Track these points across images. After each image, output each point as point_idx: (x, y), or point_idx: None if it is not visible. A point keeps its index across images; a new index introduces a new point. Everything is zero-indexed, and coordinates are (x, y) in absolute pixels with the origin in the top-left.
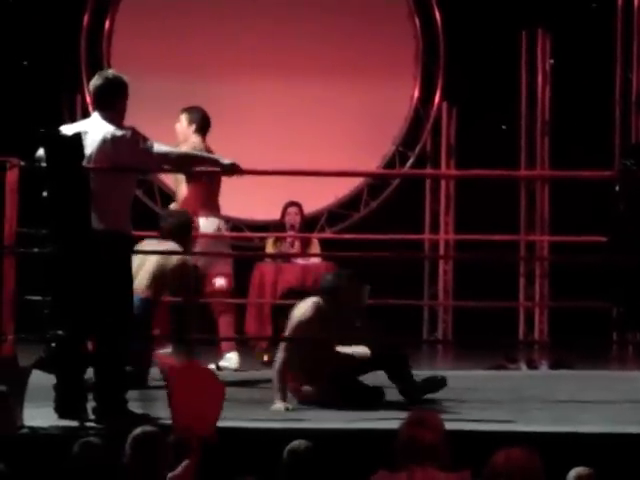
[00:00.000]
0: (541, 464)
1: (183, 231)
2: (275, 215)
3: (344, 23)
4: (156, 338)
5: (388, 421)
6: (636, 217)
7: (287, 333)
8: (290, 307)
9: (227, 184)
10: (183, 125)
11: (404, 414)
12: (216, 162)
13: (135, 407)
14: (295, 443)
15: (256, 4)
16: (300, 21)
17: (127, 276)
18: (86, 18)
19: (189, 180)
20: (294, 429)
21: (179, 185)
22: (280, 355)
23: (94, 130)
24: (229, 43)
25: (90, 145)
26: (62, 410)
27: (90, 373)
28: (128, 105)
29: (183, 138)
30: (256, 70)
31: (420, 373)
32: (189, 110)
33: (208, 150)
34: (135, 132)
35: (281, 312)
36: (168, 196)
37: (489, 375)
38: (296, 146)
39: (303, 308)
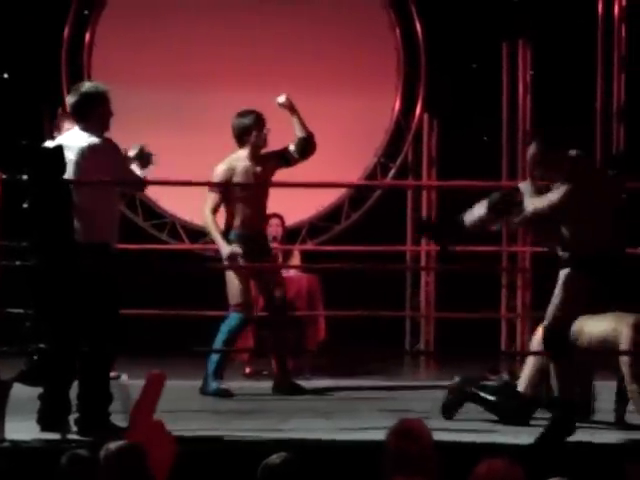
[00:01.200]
0: (523, 475)
1: None
2: None
3: (325, 35)
4: None
5: (375, 431)
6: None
7: None
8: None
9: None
10: None
11: (391, 424)
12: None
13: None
14: (272, 457)
15: (237, 15)
16: (282, 32)
17: (111, 289)
18: (67, 30)
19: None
20: (277, 440)
21: None
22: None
23: (75, 143)
24: (211, 54)
25: (72, 158)
26: (45, 422)
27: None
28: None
29: None
30: (238, 81)
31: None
32: None
33: None
34: (116, 146)
35: (263, 324)
36: (150, 209)
37: None
38: None
39: None
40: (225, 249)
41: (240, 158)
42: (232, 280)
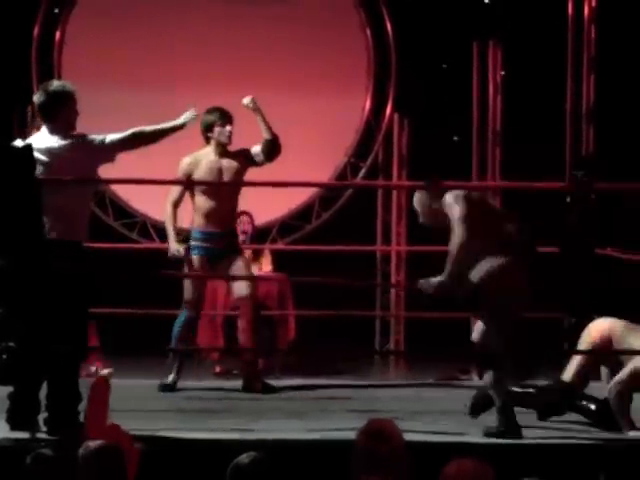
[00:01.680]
0: (493, 475)
1: None
2: None
3: (296, 34)
4: None
5: (345, 431)
6: (586, 228)
7: None
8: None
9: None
10: None
11: (361, 424)
12: (174, 127)
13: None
14: (242, 457)
15: (207, 15)
16: (253, 32)
17: (84, 287)
18: (37, 29)
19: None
20: (247, 440)
21: None
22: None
23: (46, 142)
24: (182, 53)
25: (43, 157)
26: (14, 422)
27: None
28: (80, 116)
29: None
30: (209, 80)
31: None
32: None
33: None
34: (85, 136)
35: (233, 323)
36: (120, 207)
37: (441, 386)
38: None
39: None
40: (171, 246)
41: (206, 153)
42: (186, 278)
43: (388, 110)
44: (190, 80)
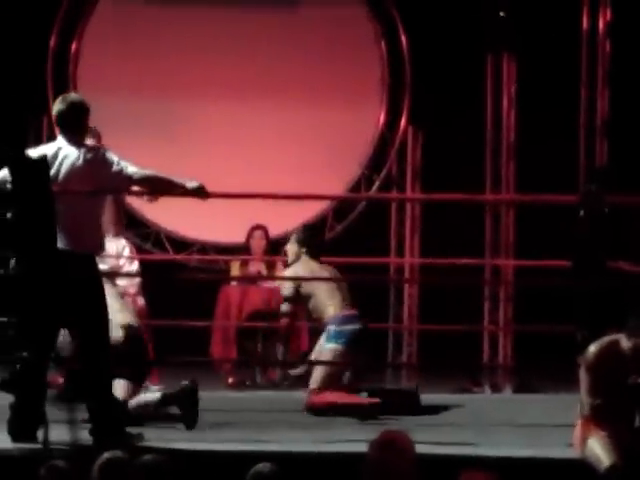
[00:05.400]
0: None
1: None
2: (240, 238)
3: (311, 47)
4: None
5: (357, 443)
6: (599, 241)
7: None
8: (255, 330)
9: (193, 207)
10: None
11: (373, 436)
12: (182, 186)
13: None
14: (259, 466)
15: (224, 26)
16: (268, 44)
17: (101, 298)
18: (53, 40)
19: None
20: (260, 452)
21: None
22: None
23: (64, 153)
24: (196, 65)
25: (59, 167)
26: (15, 433)
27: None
28: (98, 126)
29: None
30: (222, 92)
31: None
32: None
33: None
34: (105, 152)
35: (246, 335)
36: (134, 218)
37: (453, 398)
38: (262, 169)
39: None
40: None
41: None
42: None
43: (402, 123)
44: (204, 90)
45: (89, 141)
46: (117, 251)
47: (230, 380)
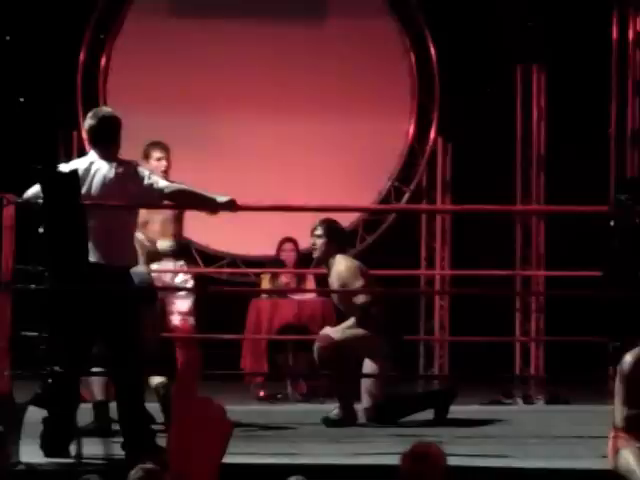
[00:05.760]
0: None
1: None
2: (271, 251)
3: (341, 59)
4: None
5: (389, 456)
6: (630, 252)
7: None
8: (285, 343)
9: (224, 220)
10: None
11: (402, 448)
12: (213, 199)
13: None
14: (290, 479)
15: (252, 38)
16: (297, 56)
17: (134, 311)
18: (82, 54)
19: None
20: (291, 465)
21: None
22: None
23: (96, 167)
24: (226, 78)
25: (92, 182)
26: (48, 448)
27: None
28: (124, 140)
29: None
30: (252, 105)
31: None
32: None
33: None
34: (137, 166)
35: (277, 348)
36: None
37: (485, 410)
38: (292, 181)
39: None
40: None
41: None
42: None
43: (432, 134)
44: (234, 104)
45: (158, 154)
46: (174, 268)
47: (261, 393)
